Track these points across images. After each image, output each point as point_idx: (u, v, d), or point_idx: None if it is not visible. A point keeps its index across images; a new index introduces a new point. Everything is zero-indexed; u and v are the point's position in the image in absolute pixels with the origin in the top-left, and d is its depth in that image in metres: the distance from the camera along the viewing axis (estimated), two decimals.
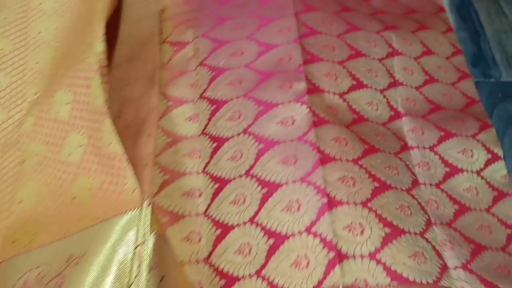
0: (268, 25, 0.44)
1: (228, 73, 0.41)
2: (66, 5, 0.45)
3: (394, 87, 0.42)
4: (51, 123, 0.36)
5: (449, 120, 0.42)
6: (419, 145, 0.40)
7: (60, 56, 0.42)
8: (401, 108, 0.42)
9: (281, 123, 0.36)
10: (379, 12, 0.50)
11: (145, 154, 0.34)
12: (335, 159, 0.33)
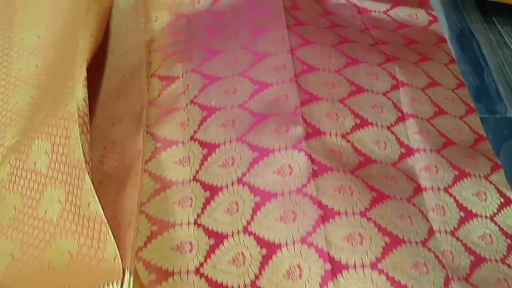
0: (262, 61, 0.41)
1: (220, 113, 0.38)
2: (48, 41, 0.43)
3: (402, 121, 0.39)
4: (29, 174, 0.32)
5: (462, 158, 0.39)
6: (433, 185, 0.36)
7: (39, 96, 0.39)
8: (413, 143, 0.38)
9: (277, 173, 0.33)
10: (379, 42, 0.47)
11: (128, 210, 0.31)
12: (339, 214, 0.30)
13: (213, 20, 0.49)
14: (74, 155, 0.29)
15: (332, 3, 0.52)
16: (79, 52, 0.34)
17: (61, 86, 0.35)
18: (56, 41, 0.42)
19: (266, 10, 0.46)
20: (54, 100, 0.34)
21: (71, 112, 0.31)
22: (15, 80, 0.40)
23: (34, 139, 0.33)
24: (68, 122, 0.31)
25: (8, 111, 0.39)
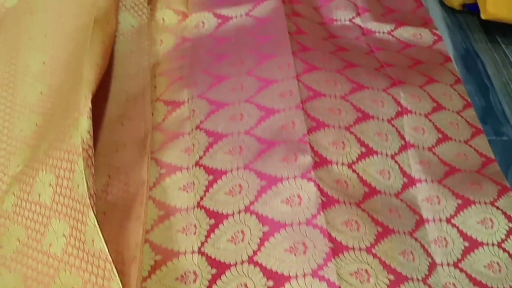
0: (268, 87, 0.40)
1: (227, 140, 0.38)
2: (53, 67, 0.42)
3: (405, 150, 0.39)
4: (33, 205, 0.32)
5: (466, 185, 0.38)
6: (435, 217, 0.36)
7: (44, 124, 0.38)
8: (415, 173, 0.38)
9: (286, 202, 0.32)
10: (384, 64, 0.47)
11: (133, 243, 0.30)
12: (347, 248, 0.30)
13: (218, 44, 0.48)
14: (78, 189, 0.29)
15: (336, 25, 0.52)
16: (84, 83, 0.34)
17: (66, 116, 0.34)
18: (62, 67, 0.42)
19: (271, 36, 0.46)
20: (58, 131, 0.34)
21: (75, 145, 0.30)
22: (20, 108, 0.40)
23: (38, 171, 0.32)
24: (72, 155, 0.30)
25: (13, 139, 0.39)
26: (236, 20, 0.50)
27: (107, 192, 0.35)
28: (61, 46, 0.44)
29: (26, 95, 0.41)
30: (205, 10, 0.52)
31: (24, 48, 0.44)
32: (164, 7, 0.53)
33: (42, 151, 0.33)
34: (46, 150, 0.33)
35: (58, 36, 0.44)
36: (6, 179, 0.37)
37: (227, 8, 0.51)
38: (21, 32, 0.45)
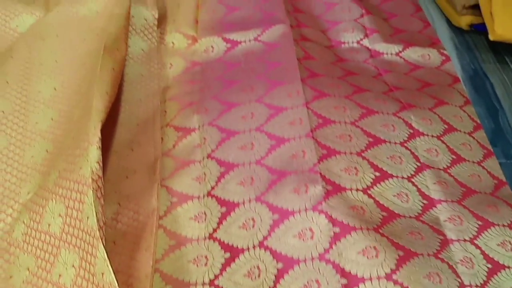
0: (278, 115, 0.40)
1: (239, 170, 0.37)
2: (64, 93, 0.43)
3: (421, 171, 0.38)
4: (43, 235, 0.32)
5: (484, 207, 0.37)
6: (459, 237, 0.35)
7: (54, 151, 0.38)
8: (434, 194, 0.37)
9: (299, 237, 0.31)
10: (393, 88, 0.46)
11: (143, 275, 0.30)
12: (363, 280, 0.29)
13: (227, 69, 0.48)
14: (87, 221, 0.28)
15: (344, 47, 0.52)
16: (93, 112, 0.34)
17: (75, 145, 0.34)
18: (72, 93, 0.42)
19: (280, 63, 0.46)
20: (68, 160, 0.34)
21: (85, 176, 0.30)
22: (31, 134, 0.40)
23: (48, 200, 0.32)
24: (82, 186, 0.30)
25: (24, 166, 0.39)
26: (245, 45, 0.50)
27: (117, 221, 0.35)
28: (71, 71, 0.44)
29: (38, 121, 0.41)
30: (214, 34, 0.52)
31: (36, 73, 0.44)
32: (174, 31, 0.53)
33: (51, 180, 0.33)
34: (55, 179, 0.33)
35: (68, 61, 0.45)
36: (17, 207, 0.37)
37: (236, 32, 0.51)
38: (32, 58, 0.45)
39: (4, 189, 0.37)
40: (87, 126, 0.33)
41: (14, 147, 0.39)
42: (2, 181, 0.38)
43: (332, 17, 0.55)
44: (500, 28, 0.51)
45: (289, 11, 0.53)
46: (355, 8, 0.55)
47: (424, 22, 0.57)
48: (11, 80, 0.43)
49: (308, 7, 0.57)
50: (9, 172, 0.38)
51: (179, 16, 0.55)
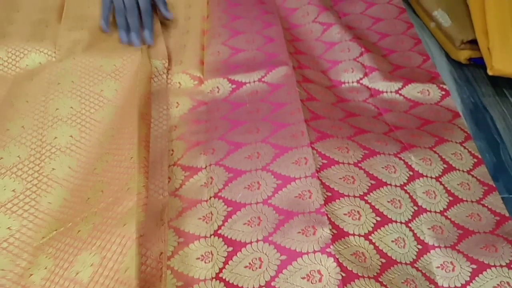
0: (283, 155, 0.43)
1: (246, 210, 0.40)
2: (82, 142, 0.45)
3: (418, 216, 0.40)
4: (67, 282, 0.34)
5: (481, 248, 0.39)
6: (450, 285, 0.37)
7: (73, 200, 0.41)
8: (428, 239, 0.39)
9: (307, 279, 0.33)
10: (394, 128, 0.49)
11: None
12: None
13: (233, 109, 0.51)
14: (125, 273, 0.31)
15: (344, 87, 0.55)
16: (138, 179, 0.37)
17: (114, 202, 0.37)
18: (91, 146, 0.45)
19: (284, 104, 0.48)
20: (105, 215, 0.37)
21: (130, 231, 0.34)
22: (48, 180, 0.43)
23: (82, 250, 0.35)
24: (126, 240, 0.33)
25: (40, 212, 0.41)
26: (250, 86, 0.53)
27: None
28: (89, 122, 0.47)
29: (54, 167, 0.44)
30: (219, 76, 0.55)
31: (51, 119, 0.47)
32: (181, 71, 0.56)
33: (86, 232, 0.36)
34: (90, 232, 0.36)
35: (85, 110, 0.48)
36: (32, 251, 0.39)
37: (241, 74, 0.54)
38: (48, 102, 0.48)
39: (20, 234, 0.40)
40: (127, 187, 0.37)
41: (30, 192, 0.42)
42: (19, 227, 0.40)
43: (332, 56, 0.58)
44: (498, 63, 0.54)
45: (291, 53, 0.56)
46: (355, 47, 0.59)
47: (423, 56, 0.60)
48: (27, 125, 0.46)
49: (308, 48, 0.60)
50: (26, 218, 0.41)
51: (185, 57, 0.59)
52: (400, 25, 0.64)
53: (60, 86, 0.50)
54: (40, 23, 0.60)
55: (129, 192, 0.37)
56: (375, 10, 0.67)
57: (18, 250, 0.39)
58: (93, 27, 0.59)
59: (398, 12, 0.67)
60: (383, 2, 0.68)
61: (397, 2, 0.68)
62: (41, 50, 0.55)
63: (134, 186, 0.37)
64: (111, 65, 0.52)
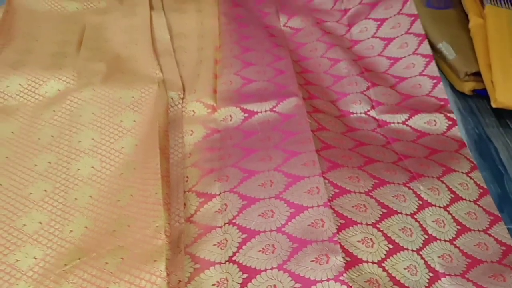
0: (296, 184, 0.46)
1: (260, 238, 0.42)
2: (103, 172, 0.49)
3: (428, 244, 0.43)
4: None
5: (489, 278, 0.42)
6: None
7: (94, 229, 0.44)
8: (439, 267, 0.42)
9: None
10: (402, 157, 0.52)
11: None
12: None
13: (245, 137, 0.54)
14: None
15: (353, 117, 0.58)
16: (163, 217, 0.42)
17: (141, 239, 0.41)
18: (113, 177, 0.49)
19: (295, 133, 0.52)
20: (132, 250, 0.40)
21: (160, 269, 0.37)
22: (70, 210, 0.46)
23: (110, 283, 0.38)
24: (155, 278, 0.37)
25: (63, 240, 0.44)
26: (261, 115, 0.57)
27: None
28: (110, 154, 0.51)
29: (77, 197, 0.47)
30: (232, 105, 0.58)
31: (75, 151, 0.51)
32: (195, 100, 0.60)
33: (113, 265, 0.39)
34: (118, 265, 0.39)
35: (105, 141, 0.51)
36: (54, 277, 0.41)
37: (253, 103, 0.58)
38: (72, 135, 0.52)
39: (44, 263, 0.42)
40: (155, 224, 0.41)
41: (54, 223, 0.45)
42: (43, 256, 0.43)
43: (340, 89, 0.62)
44: (501, 96, 0.58)
45: (301, 84, 0.60)
46: (361, 81, 0.63)
47: (434, 79, 0.62)
48: (53, 160, 0.50)
49: (318, 79, 0.64)
50: (50, 247, 0.43)
51: (199, 86, 0.63)
52: (412, 41, 0.67)
53: (81, 118, 0.53)
54: (59, 54, 0.64)
55: (157, 230, 0.41)
56: (385, 30, 0.69)
57: (41, 277, 0.41)
58: (110, 59, 0.63)
59: (410, 24, 0.69)
60: (394, 14, 0.70)
61: (408, 9, 0.70)
62: (60, 77, 0.59)
63: (161, 224, 0.41)
64: (129, 97, 0.56)
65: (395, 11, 0.71)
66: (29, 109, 0.56)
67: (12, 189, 0.48)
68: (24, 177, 0.49)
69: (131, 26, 0.71)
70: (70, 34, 0.68)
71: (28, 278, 0.41)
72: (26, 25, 0.69)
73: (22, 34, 0.67)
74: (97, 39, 0.68)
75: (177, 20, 0.75)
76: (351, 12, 0.74)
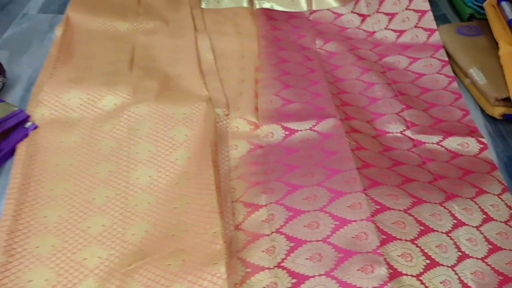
0: (339, 199, 0.49)
1: (307, 247, 0.46)
2: (159, 183, 0.53)
3: (462, 261, 0.46)
4: None
5: None
6: None
7: (154, 233, 0.49)
8: (471, 283, 0.45)
9: None
10: (437, 177, 0.55)
11: None
12: None
13: (286, 154, 0.59)
14: None
15: (389, 137, 0.62)
16: (220, 225, 0.47)
17: (202, 245, 0.45)
18: (168, 186, 0.53)
19: (335, 152, 0.56)
20: (192, 254, 0.45)
21: (221, 271, 0.42)
22: (131, 215, 0.51)
23: (174, 283, 0.42)
24: (217, 279, 0.41)
25: (125, 242, 0.48)
26: (302, 133, 0.61)
27: None
28: (165, 164, 0.55)
29: (137, 204, 0.52)
30: (274, 122, 0.63)
31: (134, 162, 0.56)
32: (238, 117, 0.65)
33: (176, 266, 0.44)
34: (181, 266, 0.44)
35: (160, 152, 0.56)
36: (119, 276, 0.46)
37: (293, 122, 0.62)
38: (131, 147, 0.57)
39: (109, 262, 0.47)
40: (213, 231, 0.46)
41: (116, 226, 0.50)
42: (107, 256, 0.47)
43: (376, 109, 0.66)
44: None
45: (338, 106, 0.64)
46: (396, 103, 0.67)
47: (463, 111, 0.67)
48: (113, 169, 0.55)
49: (353, 100, 0.68)
50: (113, 248, 0.48)
51: (242, 104, 0.68)
52: (442, 79, 0.72)
53: (138, 132, 0.59)
54: (113, 72, 0.69)
55: (215, 235, 0.45)
56: (418, 66, 0.75)
57: (107, 275, 0.46)
58: (161, 78, 0.69)
59: (441, 66, 0.74)
60: (426, 56, 0.76)
61: (440, 55, 0.76)
62: (116, 93, 0.64)
63: (219, 231, 0.45)
64: (181, 113, 0.61)
65: (428, 54, 0.77)
66: (89, 121, 0.61)
67: (77, 193, 0.53)
68: (87, 183, 0.54)
69: (177, 46, 0.77)
70: (122, 54, 0.75)
71: (95, 276, 0.46)
72: (83, 44, 0.75)
73: (80, 52, 0.73)
74: (147, 58, 0.74)
75: (219, 42, 0.81)
76: (383, 47, 0.79)
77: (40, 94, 0.64)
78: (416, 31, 0.80)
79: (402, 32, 0.81)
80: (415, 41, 0.79)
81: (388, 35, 0.81)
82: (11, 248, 0.47)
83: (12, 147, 0.58)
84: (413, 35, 0.80)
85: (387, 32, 0.82)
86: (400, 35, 0.80)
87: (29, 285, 0.44)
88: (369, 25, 0.84)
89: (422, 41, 0.78)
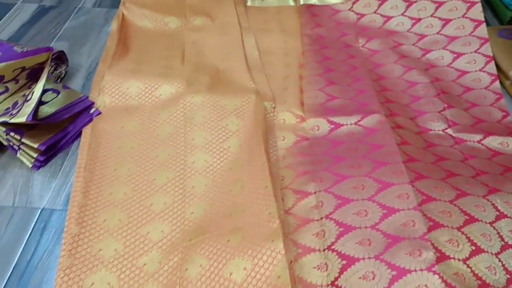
0: (387, 190, 0.52)
1: (356, 232, 0.49)
2: (214, 168, 0.58)
3: (505, 250, 0.48)
4: (222, 279, 0.45)
5: None
6: None
7: (212, 212, 0.53)
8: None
9: None
10: (480, 172, 0.58)
11: None
12: None
13: (332, 146, 0.62)
14: (278, 279, 0.42)
15: (431, 134, 0.64)
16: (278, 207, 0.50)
17: (259, 224, 0.49)
18: (223, 170, 0.58)
19: (381, 146, 0.59)
20: (252, 232, 0.49)
21: (279, 247, 0.46)
22: (190, 195, 0.55)
23: (234, 256, 0.46)
24: (275, 253, 0.45)
25: (186, 219, 0.53)
26: (347, 127, 0.64)
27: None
28: (219, 150, 0.59)
29: (194, 185, 0.56)
30: (319, 116, 0.66)
31: (190, 147, 0.61)
32: (285, 110, 0.68)
33: (235, 241, 0.48)
34: (240, 241, 0.48)
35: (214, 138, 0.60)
36: (182, 249, 0.50)
37: (339, 117, 0.65)
38: (187, 134, 0.61)
39: (171, 237, 0.51)
40: (268, 211, 0.50)
41: (177, 204, 0.54)
42: (169, 231, 0.51)
43: (418, 107, 0.69)
44: None
45: (382, 102, 0.67)
46: (438, 102, 0.69)
47: (503, 112, 0.69)
48: (172, 153, 0.60)
49: (396, 97, 0.71)
50: (175, 224, 0.52)
51: (288, 98, 0.71)
52: (484, 78, 0.74)
53: (194, 120, 0.63)
54: (166, 66, 0.74)
55: (271, 216, 0.49)
56: (461, 62, 0.77)
57: (170, 248, 0.50)
58: (212, 72, 0.73)
59: (485, 63, 0.76)
60: (470, 51, 0.78)
61: (484, 50, 0.77)
62: (172, 83, 0.69)
63: (274, 211, 0.49)
64: (232, 104, 0.65)
65: (473, 49, 0.78)
66: (147, 109, 0.66)
67: (139, 174, 0.57)
68: (148, 165, 0.58)
69: (225, 42, 0.81)
70: (174, 49, 0.79)
71: (158, 248, 0.50)
72: (137, 40, 0.80)
73: (135, 47, 0.78)
74: (197, 54, 0.78)
75: (263, 39, 0.84)
76: (428, 39, 0.81)
77: (101, 82, 0.69)
78: (462, 21, 0.81)
79: (448, 21, 0.82)
80: (460, 32, 0.80)
81: (434, 23, 0.82)
82: (83, 221, 0.52)
83: (78, 131, 0.63)
84: (459, 25, 0.80)
85: (432, 20, 0.83)
86: (446, 24, 0.81)
87: (100, 254, 0.49)
88: (414, 11, 0.85)
89: (468, 32, 0.79)
